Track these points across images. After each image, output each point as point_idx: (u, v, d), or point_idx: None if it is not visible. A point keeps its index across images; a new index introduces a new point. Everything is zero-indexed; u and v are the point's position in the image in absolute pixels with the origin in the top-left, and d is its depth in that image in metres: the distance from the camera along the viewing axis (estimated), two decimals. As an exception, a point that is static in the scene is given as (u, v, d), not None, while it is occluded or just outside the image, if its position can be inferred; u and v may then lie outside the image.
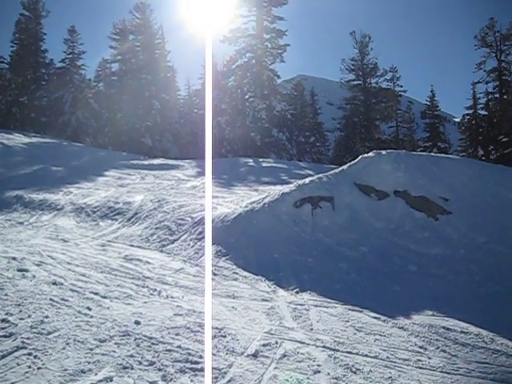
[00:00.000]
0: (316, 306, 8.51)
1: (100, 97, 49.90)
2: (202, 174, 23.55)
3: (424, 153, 25.35)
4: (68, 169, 25.31)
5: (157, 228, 13.39)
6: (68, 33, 50.98)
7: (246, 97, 44.29)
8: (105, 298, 7.78)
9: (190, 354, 5.91)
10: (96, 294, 7.92)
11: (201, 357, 5.87)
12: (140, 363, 5.54)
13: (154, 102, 46.28)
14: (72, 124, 48.02)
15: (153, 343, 6.08)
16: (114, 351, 5.72)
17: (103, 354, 5.61)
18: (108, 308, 7.24)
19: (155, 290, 8.60)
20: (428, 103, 51.32)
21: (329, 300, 8.81)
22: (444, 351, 7.00)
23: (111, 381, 5.06)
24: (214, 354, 6.03)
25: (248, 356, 6.11)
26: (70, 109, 48.32)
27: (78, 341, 5.86)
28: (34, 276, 8.51)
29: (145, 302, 7.83)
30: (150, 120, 45.55)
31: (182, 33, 55.19)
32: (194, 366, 5.64)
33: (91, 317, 6.71)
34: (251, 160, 32.39)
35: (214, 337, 6.53)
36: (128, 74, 46.79)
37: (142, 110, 45.08)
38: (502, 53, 42.46)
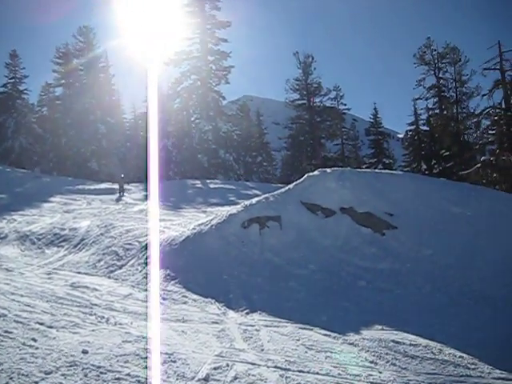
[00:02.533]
0: (266, 326, 8.50)
1: (44, 121, 49.06)
2: (149, 197, 23.36)
3: (368, 169, 25.81)
4: (11, 196, 24.76)
5: (104, 254, 13.19)
6: (9, 57, 50.15)
7: (192, 119, 44.27)
8: (51, 327, 7.56)
9: (139, 381, 5.80)
10: (41, 324, 7.69)
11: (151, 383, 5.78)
12: (88, 394, 5.41)
13: (99, 125, 45.81)
14: (15, 150, 47.03)
15: (101, 372, 5.93)
16: (61, 383, 5.56)
17: (49, 387, 5.44)
18: (54, 338, 7.04)
19: (103, 317, 8.43)
20: (372, 120, 52.35)
21: (279, 319, 8.82)
22: (394, 364, 7.10)
23: (57, 415, 4.92)
24: (164, 380, 5.94)
25: (199, 380, 6.04)
26: (13, 134, 47.35)
27: (23, 374, 5.66)
28: (-24, 309, 8.23)
29: (92, 330, 7.65)
30: (96, 144, 45.05)
31: (126, 55, 54.92)
32: (143, 393, 5.55)
33: (36, 348, 6.51)
34: (199, 182, 32.36)
35: (163, 362, 6.43)
36: (72, 97, 46.23)
37: (87, 134, 44.54)
38: (439, 70, 43.84)
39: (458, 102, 43.72)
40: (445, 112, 44.20)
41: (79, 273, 12.04)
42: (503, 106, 28.52)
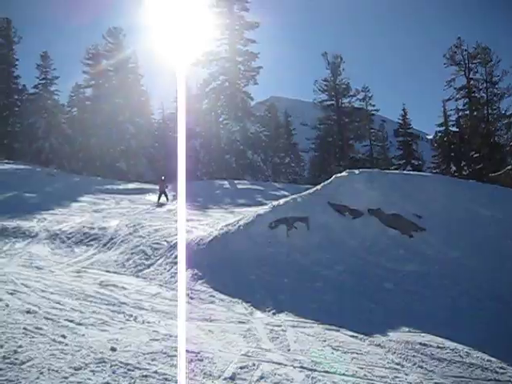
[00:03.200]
0: (293, 326, 8.51)
1: (74, 122, 49.67)
2: (177, 197, 23.48)
3: (397, 171, 25.61)
4: (42, 195, 25.11)
5: (132, 253, 13.31)
6: (40, 58, 51.01)
7: (220, 119, 44.42)
8: (80, 325, 7.68)
9: (166, 379, 5.85)
10: (71, 321, 7.81)
11: (177, 381, 5.82)
12: (116, 390, 5.47)
13: (128, 126, 46.18)
14: (45, 150, 47.70)
15: (129, 369, 6.00)
16: (90, 379, 5.63)
17: (78, 383, 5.51)
18: (83, 335, 7.15)
19: (131, 315, 8.53)
20: (400, 121, 51.91)
21: (306, 320, 8.82)
22: (421, 367, 7.05)
23: (87, 409, 4.98)
24: (190, 379, 5.99)
25: (225, 379, 6.07)
26: (43, 134, 48.05)
27: (53, 370, 5.76)
28: (8, 305, 8.37)
29: (121, 328, 7.75)
30: (125, 144, 45.45)
31: (155, 56, 55.03)
32: (170, 391, 5.61)
33: (66, 345, 6.61)
34: (226, 182, 32.43)
35: (190, 361, 6.47)
36: (101, 98, 46.70)
37: (116, 135, 44.97)
38: (470, 71, 43.42)
39: (488, 103, 43.25)
40: (475, 113, 43.73)
41: (108, 271, 12.18)
42: (535, 107, 28.11)
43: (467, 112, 44.24)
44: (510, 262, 11.57)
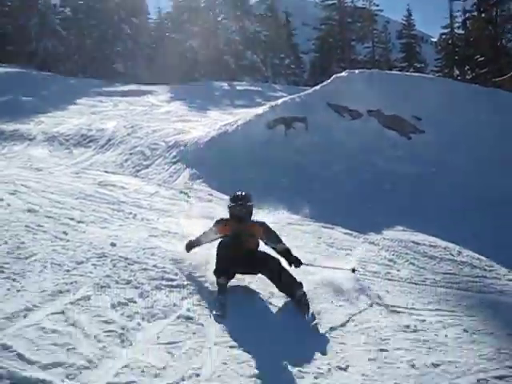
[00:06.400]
0: (290, 223, 8.70)
1: (67, 23, 48.19)
2: (175, 98, 23.28)
3: (397, 72, 25.18)
4: (38, 98, 24.72)
5: (131, 153, 13.30)
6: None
7: (219, 19, 43.18)
8: (81, 222, 7.75)
9: (165, 271, 6.03)
10: (72, 219, 7.86)
11: (176, 274, 6.02)
12: (117, 282, 5.62)
13: (124, 26, 44.91)
14: (40, 52, 46.61)
15: (129, 263, 6.15)
16: (91, 272, 5.78)
17: (80, 275, 5.66)
18: (84, 232, 7.25)
19: (130, 213, 8.62)
20: (404, 22, 50.45)
21: (303, 218, 9.00)
22: (412, 264, 7.29)
23: (89, 299, 5.13)
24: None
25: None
26: (36, 36, 46.72)
27: (55, 264, 5.89)
28: (9, 204, 8.38)
29: (120, 225, 7.86)
30: (121, 45, 44.42)
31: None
32: (169, 282, 5.78)
33: (67, 241, 6.72)
34: (225, 83, 31.96)
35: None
36: (95, -3, 45.14)
37: (112, 36, 43.85)
38: (479, -32, 41.62)
39: (497, 4, 41.71)
40: (483, 14, 42.19)
41: (107, 172, 12.17)
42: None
43: (475, 13, 42.72)
44: (502, 165, 11.64)
